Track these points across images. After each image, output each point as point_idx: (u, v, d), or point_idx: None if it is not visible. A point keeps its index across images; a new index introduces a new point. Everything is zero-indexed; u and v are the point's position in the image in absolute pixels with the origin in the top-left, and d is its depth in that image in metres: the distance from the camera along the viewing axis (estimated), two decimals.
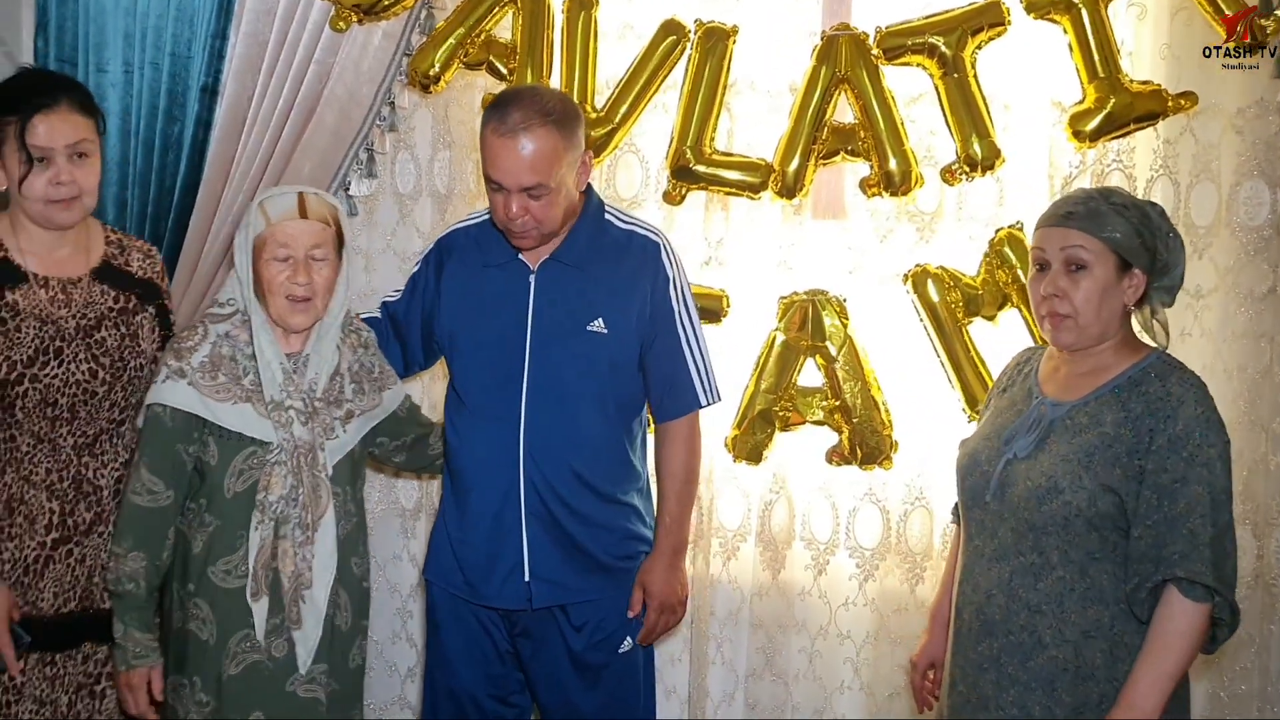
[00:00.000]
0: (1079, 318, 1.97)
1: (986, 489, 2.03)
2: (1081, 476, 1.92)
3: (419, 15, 2.80)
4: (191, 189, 2.87)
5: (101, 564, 2.31)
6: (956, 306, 2.65)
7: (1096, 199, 2.00)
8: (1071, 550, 1.94)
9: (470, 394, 2.35)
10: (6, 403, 2.19)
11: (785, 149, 2.64)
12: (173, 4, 2.82)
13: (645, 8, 2.76)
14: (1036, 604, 1.96)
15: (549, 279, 2.32)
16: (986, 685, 2.01)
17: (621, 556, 2.37)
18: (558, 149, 2.18)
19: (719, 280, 2.77)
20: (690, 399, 2.38)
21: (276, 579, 2.18)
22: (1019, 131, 2.69)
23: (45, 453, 2.24)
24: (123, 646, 2.17)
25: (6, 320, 2.19)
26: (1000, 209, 2.72)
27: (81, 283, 2.29)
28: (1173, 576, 1.86)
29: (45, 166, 2.18)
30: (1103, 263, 1.97)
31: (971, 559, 2.06)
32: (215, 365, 2.18)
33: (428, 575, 2.45)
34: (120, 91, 2.86)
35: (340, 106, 2.83)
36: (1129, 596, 1.92)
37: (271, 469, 2.16)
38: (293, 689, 2.21)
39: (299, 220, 2.17)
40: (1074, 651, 1.94)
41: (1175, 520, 1.86)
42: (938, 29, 2.57)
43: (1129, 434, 1.92)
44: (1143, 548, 1.89)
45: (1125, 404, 1.95)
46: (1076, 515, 1.92)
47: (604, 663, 2.37)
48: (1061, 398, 2.03)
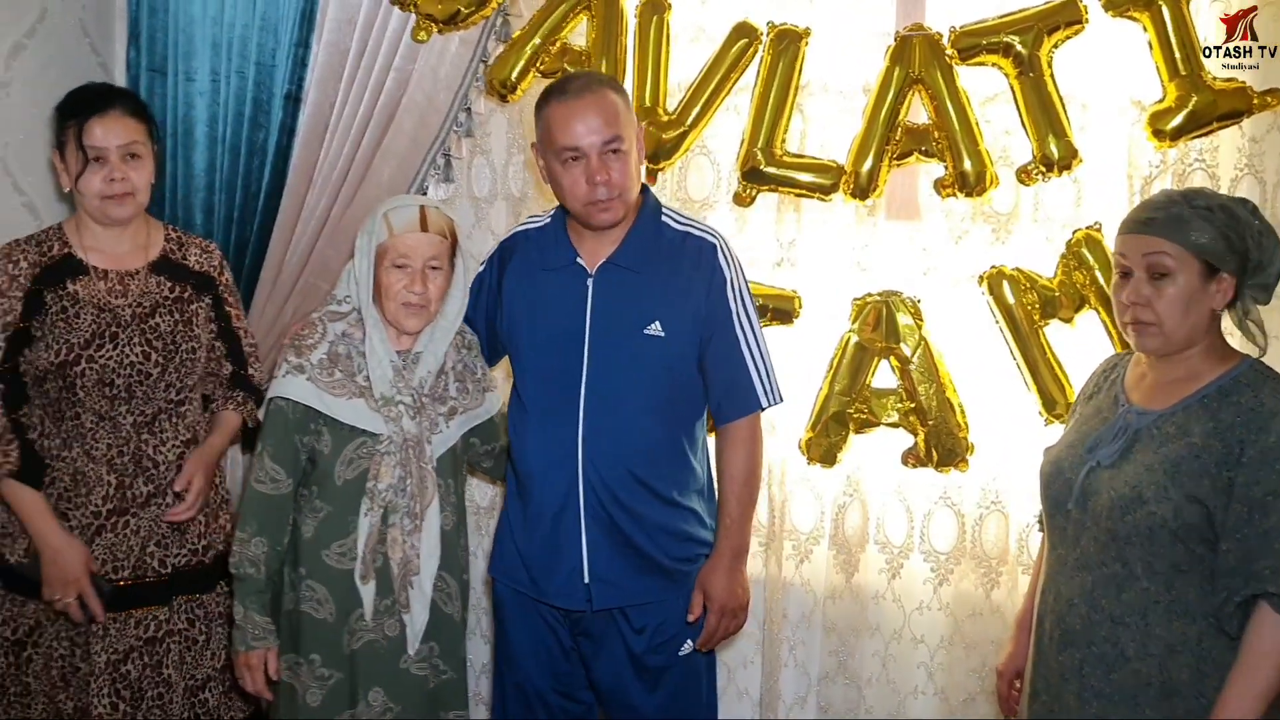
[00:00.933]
0: (1163, 325, 1.94)
1: (1069, 497, 2.01)
2: (1167, 488, 1.88)
3: (495, 23, 2.85)
4: (276, 194, 2.95)
5: (158, 535, 2.43)
6: (1033, 308, 2.62)
7: (1180, 203, 1.95)
8: (1156, 562, 1.90)
9: (530, 396, 2.38)
10: (68, 382, 2.33)
11: (858, 150, 2.63)
12: (258, 14, 2.90)
13: (717, 11, 2.76)
14: (1119, 615, 1.93)
15: (606, 282, 2.34)
16: (1069, 696, 1.98)
17: (681, 559, 2.37)
18: (620, 107, 2.26)
19: (791, 281, 2.77)
20: (751, 400, 2.36)
21: (384, 563, 2.28)
22: (1097, 131, 2.64)
23: (107, 430, 2.37)
24: (242, 628, 2.28)
25: (67, 308, 2.34)
26: (1078, 210, 2.68)
27: (139, 275, 2.43)
28: (1263, 592, 1.81)
29: (100, 165, 2.34)
30: (1187, 269, 1.92)
31: (1054, 567, 2.04)
32: (332, 362, 2.29)
33: (493, 573, 2.49)
34: (208, 99, 2.94)
35: (419, 113, 2.88)
36: (1217, 612, 1.87)
37: (381, 459, 2.26)
38: (405, 667, 2.33)
39: (419, 233, 2.27)
40: (1159, 666, 1.90)
41: (1267, 534, 1.81)
42: (1014, 28, 2.54)
43: (1219, 445, 1.87)
44: (1231, 562, 1.84)
45: (1215, 414, 1.90)
46: (1161, 526, 1.88)
47: (665, 665, 2.38)
48: (1149, 405, 1.99)
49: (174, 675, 2.45)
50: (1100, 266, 2.57)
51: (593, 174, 2.23)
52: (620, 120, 2.25)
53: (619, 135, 2.23)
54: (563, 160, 2.26)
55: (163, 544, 2.44)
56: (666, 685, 2.39)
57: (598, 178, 2.23)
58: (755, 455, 2.39)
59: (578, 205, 2.30)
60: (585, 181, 2.25)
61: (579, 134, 2.22)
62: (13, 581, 2.39)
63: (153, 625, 2.43)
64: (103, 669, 2.37)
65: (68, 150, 2.35)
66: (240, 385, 2.58)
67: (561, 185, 2.30)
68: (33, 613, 2.38)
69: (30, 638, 2.38)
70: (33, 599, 2.37)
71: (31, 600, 2.37)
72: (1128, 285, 1.98)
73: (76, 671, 2.38)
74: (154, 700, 2.42)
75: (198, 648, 2.50)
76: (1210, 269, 1.92)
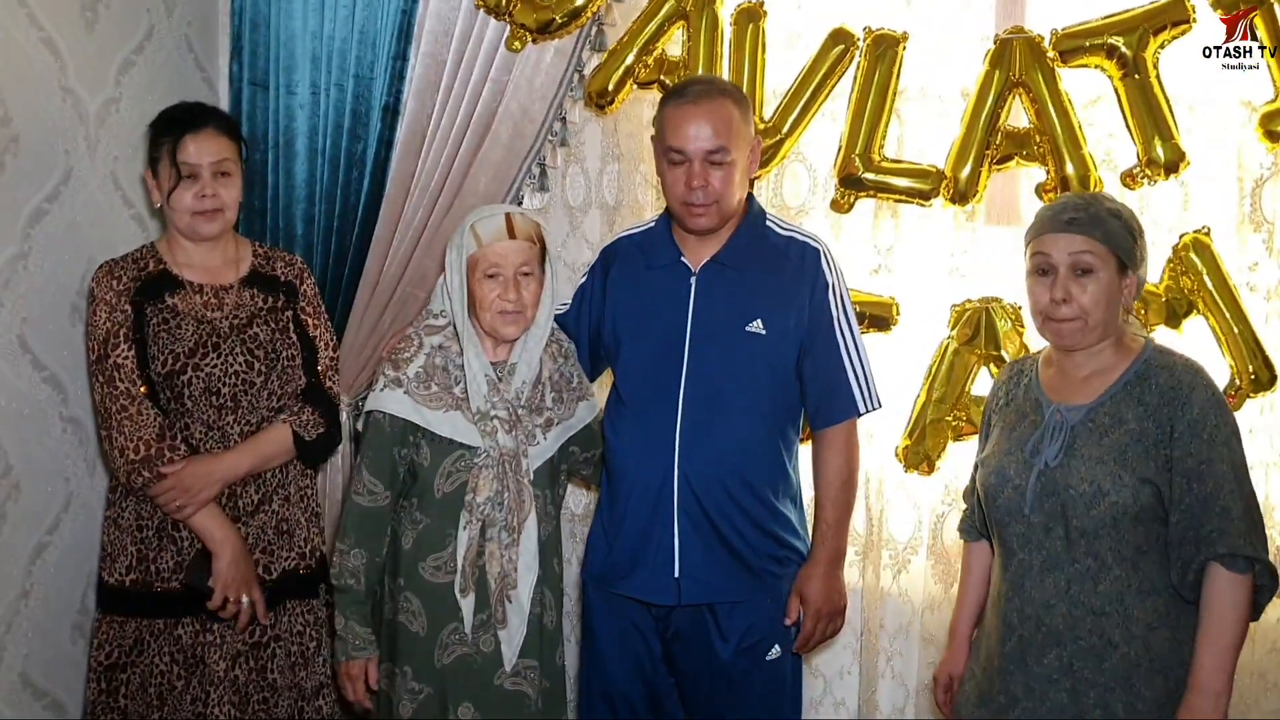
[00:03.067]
0: (1088, 319, 2.03)
1: (1024, 503, 2.06)
2: (1121, 475, 1.98)
3: (590, 33, 2.86)
4: (374, 204, 2.99)
5: (264, 542, 2.47)
6: (1140, 316, 2.57)
7: (1093, 205, 2.07)
8: (1123, 548, 2.00)
9: (630, 392, 2.40)
10: (175, 392, 2.38)
11: (957, 155, 2.60)
12: (356, 27, 2.94)
13: (813, 16, 2.76)
14: (1100, 606, 2.00)
15: (710, 280, 2.36)
16: (1060, 695, 2.03)
17: (770, 560, 2.38)
18: (735, 119, 2.28)
19: (888, 288, 2.75)
20: (848, 406, 2.37)
21: (483, 576, 2.29)
22: (1205, 133, 2.59)
23: (215, 439, 2.42)
24: (343, 639, 2.32)
25: (168, 320, 2.39)
26: (1185, 214, 2.63)
27: (233, 289, 2.48)
28: (1215, 555, 1.93)
29: (193, 182, 2.40)
30: (1107, 266, 2.04)
31: (1017, 574, 2.08)
32: (429, 375, 2.31)
33: (584, 575, 2.51)
34: (308, 112, 3.00)
35: (514, 123, 2.91)
36: (1177, 581, 1.99)
37: (480, 472, 2.28)
38: (499, 683, 2.32)
39: (508, 241, 2.29)
40: (1143, 645, 1.99)
41: (1207, 500, 1.94)
42: (1117, 29, 2.50)
43: (1152, 426, 1.99)
44: (1181, 531, 1.97)
45: (1141, 398, 2.02)
46: (1124, 514, 1.98)
47: (750, 669, 2.38)
48: (1074, 401, 2.08)
49: (279, 680, 2.48)
50: (1208, 271, 2.51)
51: (692, 178, 2.28)
52: (730, 131, 2.27)
53: (725, 146, 2.26)
54: (669, 159, 2.31)
55: (268, 550, 2.48)
56: (753, 690, 2.39)
57: (695, 183, 2.27)
58: (853, 460, 2.39)
59: (675, 204, 2.35)
60: (684, 184, 2.29)
61: (687, 138, 2.27)
62: (113, 603, 2.42)
63: (258, 630, 2.47)
64: (221, 677, 2.41)
65: (161, 166, 2.40)
66: (313, 398, 2.53)
67: (665, 181, 2.36)
68: (134, 631, 2.41)
69: (129, 657, 2.40)
70: (134, 617, 2.40)
71: (132, 619, 2.40)
72: (1049, 282, 2.06)
73: (173, 689, 2.40)
74: (259, 704, 2.46)
75: (310, 654, 2.54)
76: (1122, 266, 2.05)
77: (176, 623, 2.41)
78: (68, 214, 2.63)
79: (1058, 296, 2.04)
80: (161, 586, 2.40)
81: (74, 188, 2.65)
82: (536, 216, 2.44)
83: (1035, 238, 2.10)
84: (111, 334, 2.35)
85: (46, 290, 2.59)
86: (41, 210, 2.56)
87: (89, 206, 2.71)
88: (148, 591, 2.39)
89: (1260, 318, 2.57)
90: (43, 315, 2.58)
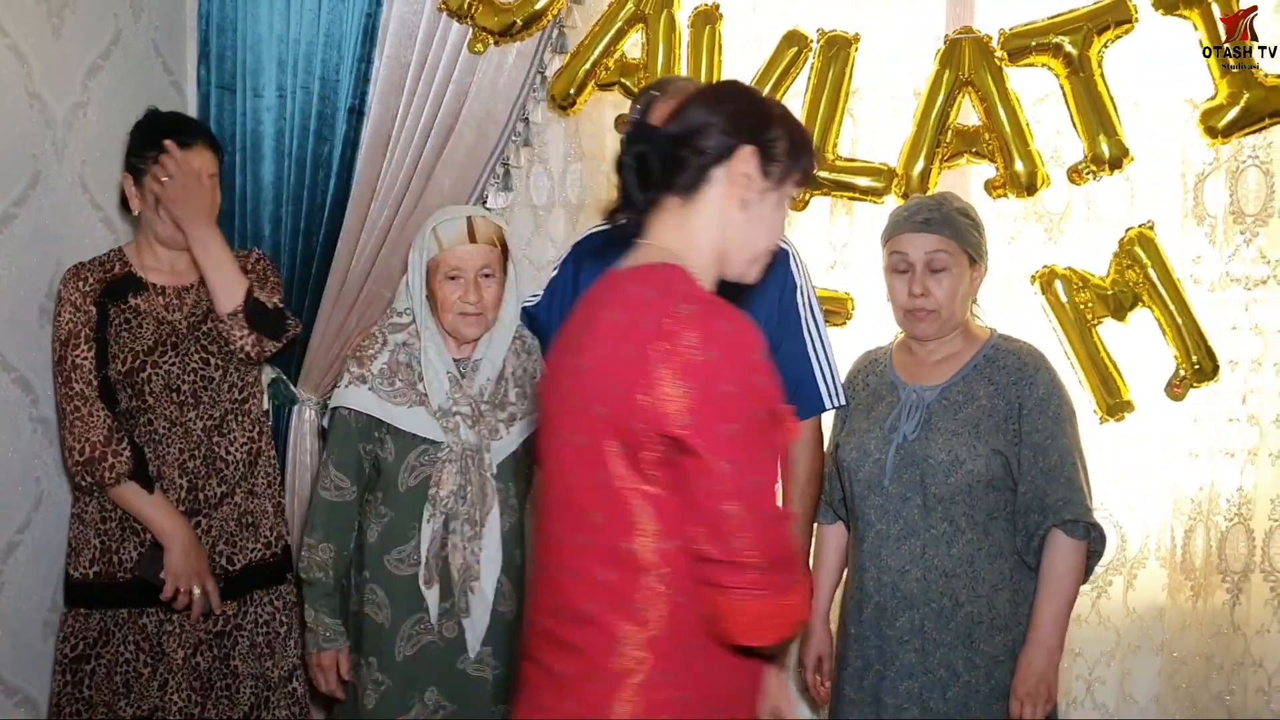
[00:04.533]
0: (942, 311, 2.23)
1: (884, 474, 2.24)
2: (976, 446, 2.17)
3: (551, 35, 2.92)
4: (340, 205, 3.03)
5: (227, 534, 2.51)
6: (1087, 307, 2.64)
7: (944, 205, 2.25)
8: (975, 514, 2.19)
9: None
10: (137, 389, 2.43)
11: (909, 153, 2.67)
12: (321, 31, 2.98)
13: (768, 19, 2.83)
14: (951, 569, 2.19)
15: None
16: (909, 654, 2.20)
17: None
18: None
19: (844, 283, 2.82)
20: (816, 402, 2.42)
21: (446, 568, 2.34)
22: (1149, 129, 2.68)
23: (178, 435, 2.47)
24: (314, 631, 2.37)
25: (130, 320, 2.45)
26: (1131, 208, 2.71)
27: (193, 289, 2.53)
28: (1059, 521, 2.13)
29: None
30: (959, 262, 2.23)
31: (875, 544, 2.25)
32: (393, 371, 2.36)
33: None
34: (274, 115, 3.03)
35: (478, 124, 2.96)
36: (1021, 546, 2.19)
37: (443, 466, 2.33)
38: (463, 668, 2.38)
39: (469, 245, 2.34)
40: (987, 605, 2.18)
41: (1051, 472, 2.15)
42: (1063, 29, 2.58)
43: (1002, 403, 2.20)
44: (1028, 500, 2.17)
45: (990, 378, 2.23)
46: (978, 481, 2.17)
47: None
48: (929, 383, 2.27)
49: (242, 668, 2.53)
50: (1153, 264, 2.58)
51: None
52: None
53: None
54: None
55: (232, 541, 2.53)
56: None
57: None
58: (819, 455, 2.45)
59: None
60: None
61: None
62: (78, 597, 2.46)
63: (221, 620, 2.51)
64: (179, 665, 2.46)
65: (146, 177, 2.44)
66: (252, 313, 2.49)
67: None
68: (98, 623, 2.44)
69: (94, 649, 2.44)
70: (99, 609, 2.44)
71: (97, 611, 2.44)
72: (908, 279, 2.24)
73: (139, 677, 2.44)
74: (222, 691, 2.50)
75: (280, 640, 2.58)
76: (972, 260, 2.24)
77: (141, 612, 2.45)
78: (36, 218, 2.66)
79: (917, 291, 2.23)
80: (125, 577, 2.44)
81: (42, 192, 2.67)
82: (499, 217, 2.48)
83: (892, 238, 2.28)
84: (73, 334, 2.40)
85: (15, 293, 2.61)
86: (9, 214, 2.58)
87: (57, 210, 2.74)
88: (112, 582, 2.44)
89: (1203, 309, 2.64)
90: (11, 317, 2.61)
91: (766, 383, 1.52)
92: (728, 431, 1.46)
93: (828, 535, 2.47)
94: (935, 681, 2.18)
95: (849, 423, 2.37)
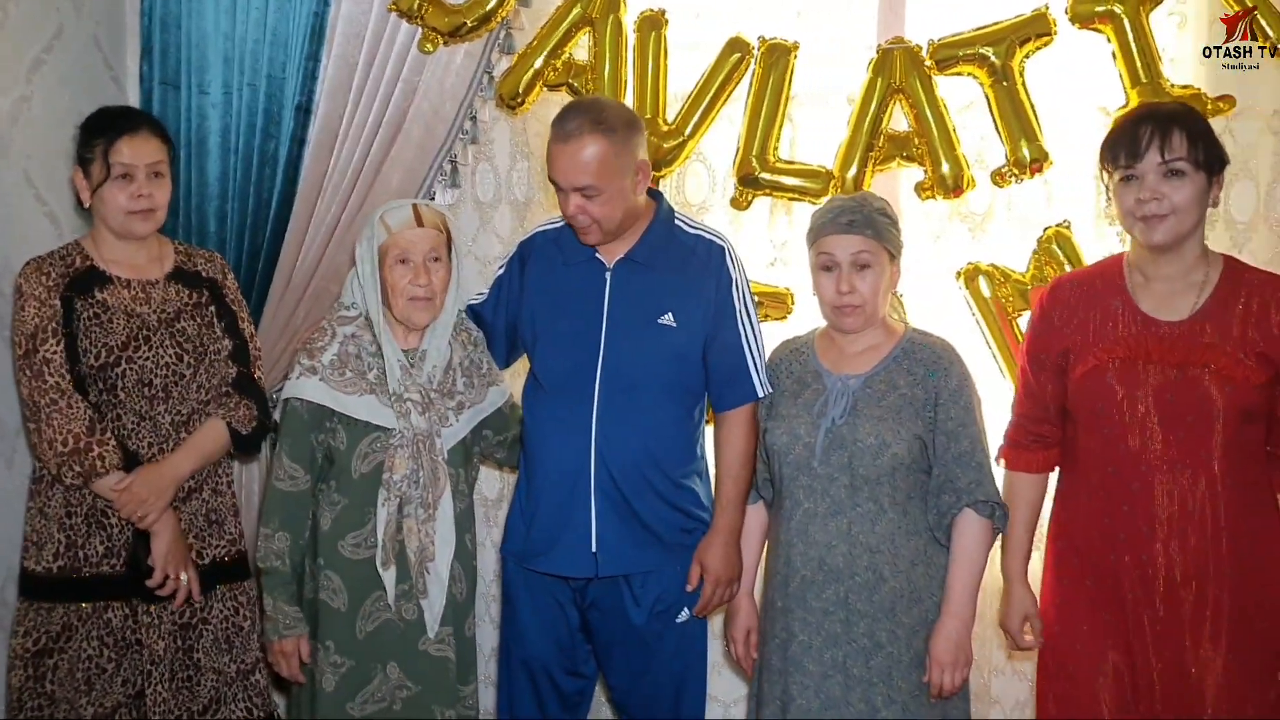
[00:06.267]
0: (866, 307, 2.37)
1: (813, 456, 2.37)
2: (899, 430, 2.33)
3: (499, 36, 2.99)
4: (287, 201, 3.07)
5: (196, 529, 2.56)
6: (1007, 301, 2.81)
7: (866, 206, 2.39)
8: (897, 494, 2.35)
9: (549, 379, 2.54)
10: (108, 384, 2.45)
11: (844, 156, 2.80)
12: (268, 29, 3.02)
13: (711, 25, 2.93)
14: (875, 545, 2.34)
15: (623, 276, 2.51)
16: (835, 625, 2.35)
17: (679, 532, 2.55)
18: (607, 156, 2.38)
19: (784, 279, 2.94)
20: (748, 390, 2.54)
21: (402, 550, 2.42)
22: (1065, 136, 2.82)
23: (147, 429, 2.50)
24: (273, 619, 2.42)
25: (99, 314, 2.46)
26: (1049, 209, 2.87)
27: (159, 284, 2.55)
28: (971, 501, 2.31)
29: (127, 182, 2.46)
30: (880, 259, 2.37)
31: (803, 521, 2.38)
32: (343, 362, 2.42)
33: (504, 552, 2.65)
34: (220, 111, 3.06)
35: (425, 122, 3.02)
36: (934, 524, 2.36)
37: (395, 452, 2.40)
38: (424, 648, 2.46)
39: (416, 229, 2.43)
40: (906, 579, 2.34)
41: (961, 456, 2.33)
42: (987, 40, 2.72)
43: (920, 392, 2.36)
44: (941, 482, 2.35)
45: (909, 369, 2.38)
46: (901, 463, 2.33)
47: (662, 632, 2.56)
48: (853, 372, 2.41)
49: (204, 660, 2.56)
50: (1070, 261, 2.76)
51: (568, 204, 2.43)
52: (600, 171, 2.38)
53: (593, 184, 2.39)
54: (551, 182, 2.47)
55: (200, 537, 2.57)
56: (664, 650, 2.57)
57: (571, 209, 2.43)
58: (751, 439, 2.56)
59: (566, 220, 2.51)
60: (565, 208, 2.46)
61: (559, 172, 2.42)
62: (39, 590, 2.46)
63: (187, 612, 2.55)
64: (161, 655, 2.49)
65: (93, 167, 2.46)
66: (243, 387, 2.63)
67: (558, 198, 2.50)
68: (60, 617, 2.45)
69: (56, 644, 2.45)
70: (61, 603, 2.45)
71: (60, 605, 2.45)
72: (835, 277, 2.37)
73: (103, 673, 2.46)
74: (183, 682, 2.54)
75: (243, 634, 2.62)
76: (891, 257, 2.39)
77: (106, 606, 2.47)
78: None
79: (844, 289, 2.36)
80: (90, 571, 2.46)
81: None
82: (448, 212, 2.57)
83: (818, 239, 2.40)
84: (40, 329, 2.40)
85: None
86: None
87: (2, 205, 2.73)
88: (76, 576, 2.45)
89: None
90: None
91: None
92: None
93: (751, 515, 2.58)
94: (859, 650, 2.33)
95: (775, 408, 2.48)
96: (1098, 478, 2.30)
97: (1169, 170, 2.17)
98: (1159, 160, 2.17)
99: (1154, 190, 2.18)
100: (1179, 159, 2.16)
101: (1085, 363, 2.29)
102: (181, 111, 3.06)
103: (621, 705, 2.67)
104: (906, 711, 2.33)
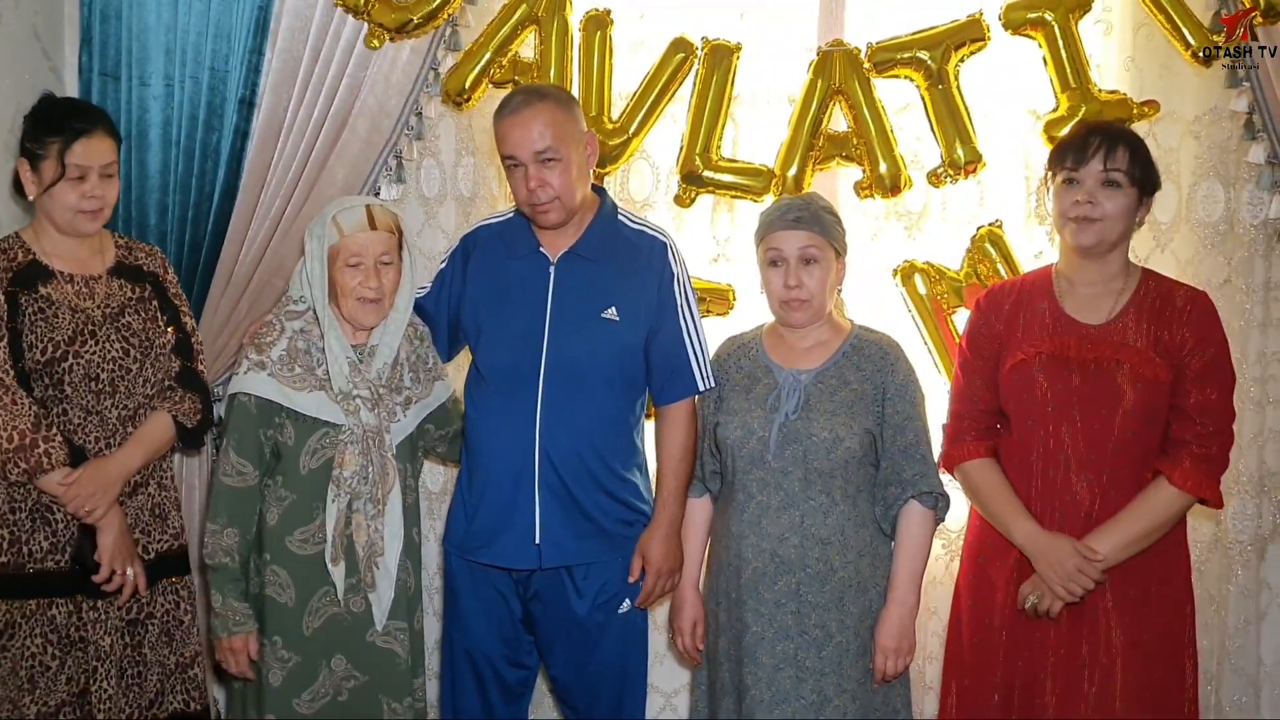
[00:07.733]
0: (814, 301, 2.43)
1: (767, 450, 2.42)
2: (852, 425, 2.40)
3: (445, 33, 3.00)
4: (229, 195, 3.05)
5: (142, 524, 2.55)
6: (942, 298, 2.89)
7: (813, 204, 2.46)
8: (848, 487, 2.42)
9: (492, 373, 2.56)
10: (55, 379, 2.43)
11: (785, 155, 2.86)
12: (211, 22, 3.00)
13: (656, 26, 2.98)
14: (826, 537, 2.40)
15: (567, 270, 2.54)
16: (786, 616, 2.40)
17: (622, 524, 2.58)
18: (558, 118, 2.44)
19: (726, 276, 3.00)
20: (689, 384, 2.58)
21: (350, 545, 2.42)
22: (998, 138, 2.93)
23: (94, 424, 2.48)
24: (222, 615, 2.40)
25: (44, 309, 2.44)
26: (981, 208, 2.96)
27: (101, 279, 2.54)
28: (916, 493, 2.39)
29: (79, 182, 2.44)
30: (826, 255, 2.43)
31: (755, 514, 2.44)
32: (292, 358, 2.42)
33: (446, 545, 2.67)
34: (162, 104, 3.03)
35: (371, 117, 3.02)
36: (880, 515, 2.44)
37: (345, 448, 2.40)
38: (372, 640, 2.46)
39: (369, 232, 2.42)
40: (855, 570, 2.41)
41: (907, 449, 2.41)
42: (924, 44, 2.80)
43: (870, 387, 2.43)
44: (887, 474, 2.43)
45: (858, 365, 2.45)
46: (853, 457, 2.40)
47: (605, 623, 2.59)
48: (803, 367, 2.46)
49: (150, 655, 2.56)
50: (1001, 259, 2.85)
51: (529, 180, 2.44)
52: (555, 134, 2.43)
53: (550, 147, 2.42)
54: (507, 167, 2.49)
55: (146, 531, 2.56)
56: (607, 640, 2.60)
57: (532, 184, 2.44)
58: (691, 433, 2.60)
59: (523, 206, 2.52)
60: (525, 187, 2.46)
61: (515, 144, 2.44)
62: None
63: (135, 607, 2.54)
64: (108, 651, 2.48)
65: (44, 164, 2.43)
66: (187, 381, 2.62)
67: (512, 189, 2.53)
68: (3, 615, 2.42)
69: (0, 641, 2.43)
70: (4, 600, 2.42)
71: (3, 601, 2.42)
72: (783, 272, 2.43)
73: (47, 670, 2.44)
74: (132, 679, 2.53)
75: (184, 628, 2.62)
76: (837, 254, 2.45)
77: (50, 603, 2.45)
78: None
79: (792, 284, 2.42)
80: (34, 568, 2.44)
81: None
82: (393, 207, 2.57)
83: (766, 235, 2.46)
84: None
85: None
86: None
87: None
88: (20, 573, 2.43)
89: None
90: None
91: None
92: None
93: (695, 508, 2.62)
94: (811, 641, 2.39)
95: (726, 403, 2.52)
96: (1022, 469, 2.42)
97: (1108, 179, 2.32)
98: (1100, 169, 2.32)
99: (1091, 195, 2.32)
100: (1118, 170, 2.31)
101: (1014, 357, 2.42)
102: (122, 103, 3.03)
103: (563, 696, 2.71)
104: (855, 699, 2.40)
